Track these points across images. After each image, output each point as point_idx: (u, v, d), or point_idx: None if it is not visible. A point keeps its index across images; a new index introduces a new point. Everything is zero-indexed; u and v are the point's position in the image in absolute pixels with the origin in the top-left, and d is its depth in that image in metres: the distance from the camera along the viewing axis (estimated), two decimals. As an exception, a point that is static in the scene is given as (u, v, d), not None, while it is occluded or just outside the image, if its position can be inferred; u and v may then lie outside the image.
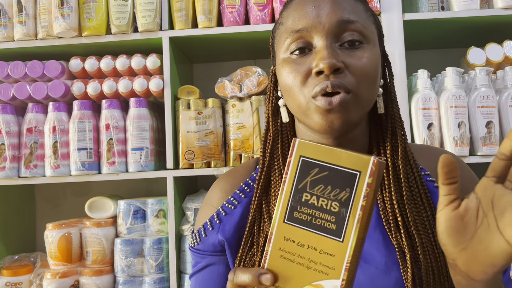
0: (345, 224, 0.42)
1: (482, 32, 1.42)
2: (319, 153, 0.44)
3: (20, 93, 1.34)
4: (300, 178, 0.44)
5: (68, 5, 1.32)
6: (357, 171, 0.42)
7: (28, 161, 1.33)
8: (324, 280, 0.42)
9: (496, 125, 1.26)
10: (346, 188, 0.42)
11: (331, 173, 0.43)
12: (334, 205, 0.43)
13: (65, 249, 1.31)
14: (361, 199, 0.41)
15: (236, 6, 1.32)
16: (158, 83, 1.32)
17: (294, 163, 0.44)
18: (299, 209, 0.44)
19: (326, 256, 0.42)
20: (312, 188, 0.43)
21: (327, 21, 0.60)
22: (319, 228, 0.43)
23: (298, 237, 0.44)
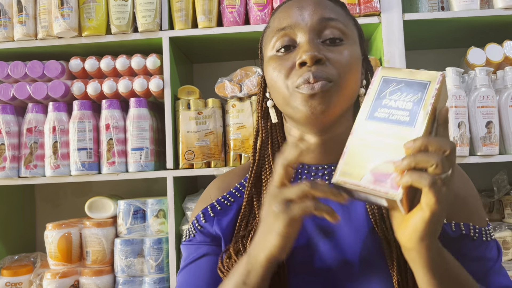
0: (416, 116, 0.52)
1: (482, 32, 1.42)
2: (398, 73, 0.55)
3: (20, 93, 1.34)
4: (381, 90, 0.55)
5: (68, 5, 1.32)
6: (428, 81, 0.54)
7: (28, 161, 1.33)
8: (396, 157, 0.50)
9: (496, 125, 1.26)
10: (419, 92, 0.53)
11: (406, 84, 0.54)
12: (408, 104, 0.53)
13: (65, 249, 1.31)
14: (431, 98, 0.52)
15: (236, 6, 1.33)
16: (158, 83, 1.32)
17: (377, 81, 0.56)
18: (379, 110, 0.54)
19: (400, 140, 0.51)
20: (390, 95, 0.55)
21: (309, 19, 0.66)
22: (395, 121, 0.53)
23: (377, 129, 0.53)
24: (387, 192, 0.50)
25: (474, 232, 0.66)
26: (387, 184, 0.50)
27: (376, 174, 0.51)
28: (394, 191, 0.49)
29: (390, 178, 0.50)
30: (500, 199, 1.38)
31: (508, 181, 1.39)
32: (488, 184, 1.41)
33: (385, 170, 0.50)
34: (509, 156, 1.26)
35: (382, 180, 0.50)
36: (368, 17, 1.29)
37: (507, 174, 1.39)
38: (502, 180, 1.38)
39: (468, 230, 0.65)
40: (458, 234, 0.65)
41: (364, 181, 0.51)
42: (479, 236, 0.66)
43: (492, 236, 0.68)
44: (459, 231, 0.65)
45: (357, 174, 0.52)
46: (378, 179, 0.50)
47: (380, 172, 0.51)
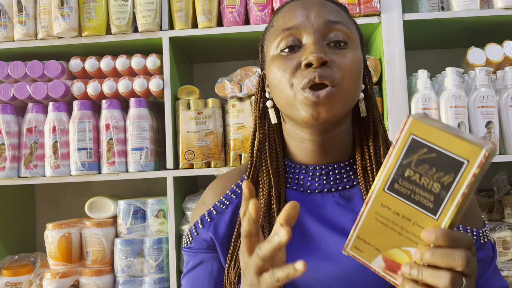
0: (443, 205, 0.44)
1: (482, 32, 1.42)
2: (431, 135, 0.44)
3: (20, 93, 1.34)
4: (406, 154, 0.46)
5: (68, 5, 1.32)
6: (465, 159, 0.43)
7: (28, 161, 1.33)
8: (413, 247, 0.46)
9: (496, 125, 1.26)
10: (451, 173, 0.43)
11: (438, 156, 0.44)
12: (436, 186, 0.44)
13: (65, 249, 1.31)
14: (464, 186, 0.43)
15: (236, 6, 1.33)
16: (158, 83, 1.32)
17: (404, 139, 0.46)
18: (400, 182, 0.46)
19: (418, 228, 0.45)
20: (416, 166, 0.45)
21: (315, 21, 0.65)
22: (417, 203, 0.45)
23: (394, 206, 0.47)
24: (397, 284, 0.47)
25: (472, 234, 0.66)
26: (398, 276, 0.47)
27: (388, 261, 0.47)
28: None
29: (401, 270, 0.47)
30: (500, 199, 1.38)
31: (508, 181, 1.39)
32: (488, 184, 1.41)
33: (399, 259, 0.46)
34: (509, 156, 1.26)
35: (393, 269, 0.47)
36: (368, 17, 1.29)
37: (507, 174, 1.39)
38: (502, 180, 1.38)
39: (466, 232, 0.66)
40: None
41: (375, 264, 0.48)
42: (477, 239, 0.66)
43: (489, 236, 0.68)
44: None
45: (368, 255, 0.48)
46: (389, 266, 0.47)
47: (392, 260, 0.47)
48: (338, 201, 0.68)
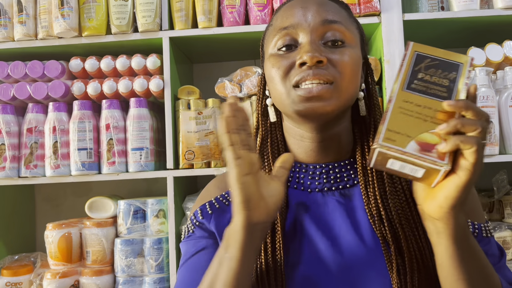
0: (453, 93, 0.54)
1: (482, 32, 1.42)
2: (430, 51, 0.57)
3: (20, 93, 1.34)
4: (416, 64, 0.57)
5: (68, 5, 1.32)
6: (460, 62, 0.56)
7: (28, 161, 1.33)
8: (439, 128, 0.51)
9: (496, 125, 1.26)
10: (453, 71, 0.55)
11: (441, 62, 0.56)
12: (445, 81, 0.55)
13: (65, 249, 1.31)
14: (465, 78, 0.55)
15: (236, 6, 1.33)
16: (158, 83, 1.32)
17: (410, 55, 0.57)
18: (416, 82, 0.55)
19: (439, 113, 0.53)
20: (426, 70, 0.56)
21: (312, 20, 0.66)
22: (433, 95, 0.54)
23: (415, 100, 0.54)
24: (435, 161, 0.50)
25: (473, 228, 0.66)
26: (434, 154, 0.51)
27: (422, 144, 0.51)
28: (442, 161, 0.50)
29: (435, 149, 0.51)
30: (500, 199, 1.38)
31: (508, 181, 1.39)
32: (488, 184, 1.41)
33: (430, 140, 0.51)
34: (509, 156, 1.26)
35: (428, 149, 0.51)
36: (368, 17, 1.29)
37: (507, 174, 1.39)
38: (502, 180, 1.38)
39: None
40: None
41: (410, 148, 0.51)
42: (479, 232, 0.66)
43: (492, 233, 0.68)
44: None
45: (402, 141, 0.52)
46: (423, 148, 0.51)
47: (425, 142, 0.51)
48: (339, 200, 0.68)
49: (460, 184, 0.49)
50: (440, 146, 0.50)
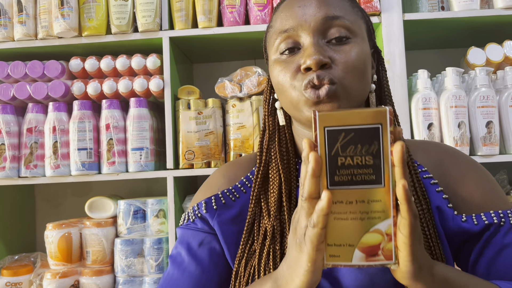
0: (382, 171, 0.47)
1: (482, 32, 1.42)
2: (340, 119, 0.48)
3: (20, 93, 1.34)
4: (330, 146, 0.48)
5: (68, 5, 1.32)
6: (378, 124, 0.47)
7: (28, 161, 1.33)
8: (378, 224, 0.47)
9: (496, 125, 1.26)
10: (374, 141, 0.47)
11: (356, 133, 0.47)
12: (368, 159, 0.47)
13: (65, 249, 1.31)
14: (389, 146, 0.47)
15: (236, 6, 1.33)
16: (158, 83, 1.32)
17: (321, 134, 0.48)
18: (338, 172, 0.48)
19: (374, 203, 0.47)
20: (343, 151, 0.48)
21: (313, 19, 0.63)
22: (361, 182, 0.47)
23: (345, 197, 0.48)
24: (383, 264, 0.48)
25: (498, 218, 0.62)
26: (380, 256, 0.47)
27: (365, 249, 0.48)
28: (390, 261, 0.47)
29: (380, 249, 0.47)
30: (500, 199, 1.38)
31: (508, 181, 1.39)
32: (488, 184, 1.41)
33: (372, 241, 0.47)
34: (509, 156, 1.26)
35: (373, 253, 0.48)
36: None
37: (507, 174, 1.39)
38: (502, 180, 1.38)
39: (491, 218, 0.62)
40: (482, 226, 0.62)
41: (356, 259, 0.48)
42: (505, 220, 0.63)
43: None
44: (482, 222, 0.62)
45: (346, 255, 0.48)
46: (368, 253, 0.48)
47: (368, 246, 0.48)
48: None
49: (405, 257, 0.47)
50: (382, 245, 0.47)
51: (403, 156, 0.45)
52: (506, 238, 0.62)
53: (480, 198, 0.65)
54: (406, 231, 0.45)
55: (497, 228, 0.62)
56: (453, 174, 0.67)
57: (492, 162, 1.25)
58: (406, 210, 0.45)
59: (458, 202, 0.65)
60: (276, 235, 0.64)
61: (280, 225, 0.65)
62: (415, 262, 0.47)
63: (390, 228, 0.47)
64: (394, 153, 0.45)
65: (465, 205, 0.64)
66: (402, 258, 0.47)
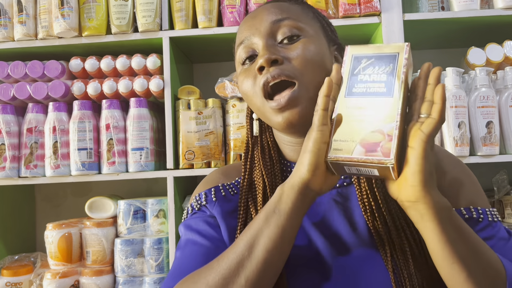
0: (393, 85, 0.55)
1: (482, 32, 1.42)
2: (366, 50, 0.59)
3: (20, 93, 1.33)
4: (354, 67, 0.58)
5: (68, 5, 1.32)
6: (396, 52, 0.57)
7: (28, 161, 1.33)
8: (382, 126, 0.53)
9: (496, 125, 1.26)
10: (390, 64, 0.56)
11: (377, 58, 0.57)
12: (382, 76, 0.56)
13: (65, 249, 1.31)
14: (402, 67, 0.56)
15: (236, 6, 1.33)
16: (158, 83, 1.31)
17: (348, 59, 0.59)
18: (356, 85, 0.57)
19: (382, 109, 0.54)
20: (364, 71, 0.57)
21: (262, 25, 0.67)
22: (374, 94, 0.56)
23: (357, 104, 0.56)
24: (380, 160, 0.52)
25: (477, 214, 0.64)
26: (379, 153, 0.52)
27: (366, 145, 0.53)
28: (387, 158, 0.52)
29: (379, 146, 0.52)
30: (500, 199, 1.38)
31: (508, 181, 1.39)
32: (488, 184, 1.41)
33: (373, 139, 0.53)
34: (509, 156, 1.26)
35: (372, 149, 0.53)
36: (368, 17, 1.29)
37: (507, 174, 1.39)
38: (502, 180, 1.38)
39: (470, 213, 0.64)
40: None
41: (356, 153, 0.53)
42: (484, 217, 0.64)
43: (498, 218, 0.66)
44: (462, 216, 0.63)
45: (348, 148, 0.54)
46: (368, 149, 0.53)
47: (369, 142, 0.53)
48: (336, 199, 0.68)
49: (418, 155, 0.50)
50: (382, 143, 0.52)
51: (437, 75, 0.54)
52: (481, 233, 0.63)
53: (463, 196, 0.66)
54: (429, 130, 0.50)
55: (475, 223, 0.63)
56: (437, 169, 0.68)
57: (492, 162, 1.25)
58: (439, 110, 0.51)
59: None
60: None
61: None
62: (427, 161, 0.50)
63: (392, 130, 0.53)
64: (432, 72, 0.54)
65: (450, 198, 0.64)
66: (414, 156, 0.51)
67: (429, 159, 0.51)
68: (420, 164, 0.50)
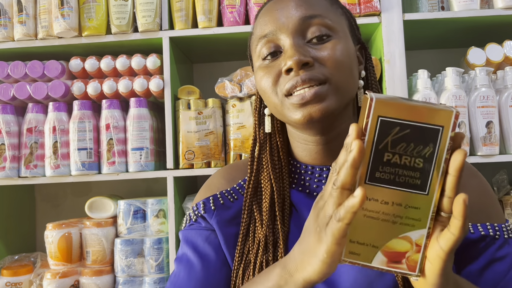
0: (430, 178, 0.42)
1: (482, 32, 1.42)
2: (399, 111, 0.42)
3: (20, 93, 1.33)
4: (380, 138, 0.43)
5: (68, 5, 1.32)
6: (439, 126, 0.42)
7: (28, 161, 1.33)
8: (410, 232, 0.43)
9: (496, 125, 1.26)
10: (430, 143, 0.42)
11: (412, 130, 0.42)
12: (418, 162, 0.43)
13: (65, 249, 1.31)
14: (445, 152, 0.42)
15: (236, 6, 1.32)
16: (158, 83, 1.31)
17: (372, 124, 0.43)
18: (381, 169, 0.43)
19: (411, 209, 0.43)
20: (393, 147, 0.43)
21: (291, 21, 0.62)
22: (403, 184, 0.43)
23: (381, 196, 0.44)
24: (404, 273, 0.45)
25: (494, 231, 0.63)
26: (403, 265, 0.44)
27: (389, 254, 0.44)
28: (412, 272, 0.44)
29: (405, 258, 0.44)
30: (500, 199, 1.38)
31: (508, 181, 1.39)
32: (488, 184, 1.41)
33: (399, 247, 0.44)
34: (509, 156, 1.26)
35: (396, 260, 0.44)
36: (368, 17, 1.29)
37: (507, 174, 1.39)
38: (502, 180, 1.38)
39: (487, 230, 0.63)
40: (478, 236, 0.62)
41: (376, 262, 0.45)
42: (500, 234, 0.63)
43: None
44: (478, 232, 0.62)
45: (366, 255, 0.45)
46: (391, 259, 0.44)
47: (393, 251, 0.44)
48: None
49: (435, 272, 0.44)
50: (408, 255, 0.44)
51: (462, 166, 0.41)
52: (498, 252, 0.62)
53: (478, 208, 0.64)
54: (448, 247, 0.42)
55: (491, 240, 0.62)
56: None
57: (492, 162, 1.25)
58: (459, 227, 0.41)
59: None
60: (269, 245, 0.64)
61: (273, 235, 0.64)
62: (444, 277, 0.45)
63: (422, 239, 0.44)
64: (454, 160, 0.41)
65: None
66: (431, 272, 0.44)
67: (446, 273, 0.45)
68: (436, 279, 0.45)
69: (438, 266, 0.44)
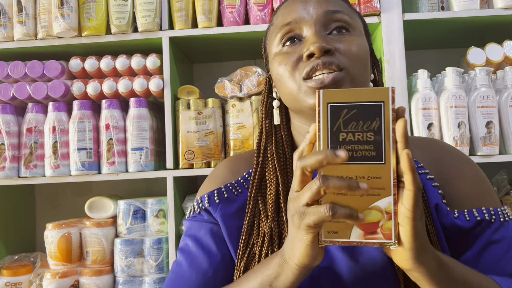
0: (383, 148, 0.47)
1: (482, 32, 1.42)
2: (344, 96, 0.48)
3: (20, 93, 1.33)
4: (332, 121, 0.48)
5: (68, 5, 1.32)
6: (380, 101, 0.47)
7: (28, 161, 1.33)
8: (378, 201, 0.47)
9: (496, 125, 1.26)
10: (376, 118, 0.47)
11: (359, 110, 0.47)
12: (370, 135, 0.47)
13: (65, 249, 1.31)
14: (391, 123, 0.47)
15: (236, 6, 1.32)
16: (158, 83, 1.31)
17: (324, 110, 0.48)
18: (339, 148, 0.47)
19: (374, 180, 0.47)
20: (345, 127, 0.48)
21: (314, 13, 0.65)
22: (362, 158, 0.47)
23: (345, 172, 0.47)
24: (381, 242, 0.47)
25: (489, 215, 0.63)
26: (379, 234, 0.47)
27: (364, 226, 0.47)
28: (389, 240, 0.47)
29: (379, 227, 0.47)
30: (500, 199, 1.38)
31: (508, 181, 1.39)
32: (488, 184, 1.41)
33: (373, 218, 0.47)
34: (509, 156, 1.26)
35: (372, 230, 0.47)
36: (368, 17, 1.29)
37: (507, 174, 1.39)
38: (502, 180, 1.38)
39: (483, 214, 0.63)
40: (474, 222, 0.63)
41: (354, 236, 0.47)
42: (496, 217, 0.63)
43: (510, 215, 0.65)
44: (474, 218, 0.63)
45: (344, 231, 0.48)
46: (367, 230, 0.47)
47: (367, 223, 0.47)
48: None
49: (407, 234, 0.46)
50: (382, 223, 0.47)
51: (406, 132, 0.45)
52: (495, 234, 0.63)
53: (473, 195, 0.65)
54: (409, 204, 0.45)
55: (487, 224, 0.63)
56: (449, 170, 0.67)
57: (492, 162, 1.25)
58: (411, 180, 0.45)
59: (451, 199, 0.65)
60: (274, 237, 0.64)
61: (278, 227, 0.65)
62: (417, 239, 0.47)
63: (390, 206, 0.47)
64: (397, 128, 0.46)
65: (459, 201, 0.65)
66: (404, 234, 0.47)
67: (419, 234, 0.47)
68: (410, 242, 0.47)
69: (409, 227, 0.46)
